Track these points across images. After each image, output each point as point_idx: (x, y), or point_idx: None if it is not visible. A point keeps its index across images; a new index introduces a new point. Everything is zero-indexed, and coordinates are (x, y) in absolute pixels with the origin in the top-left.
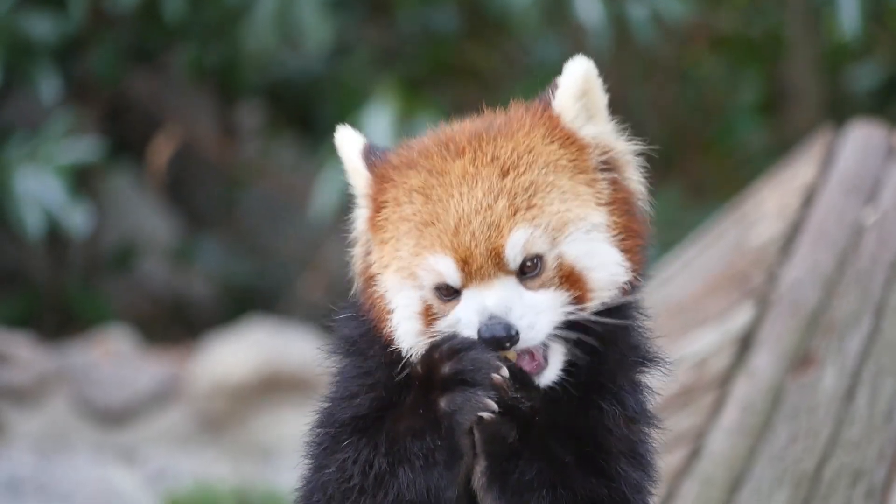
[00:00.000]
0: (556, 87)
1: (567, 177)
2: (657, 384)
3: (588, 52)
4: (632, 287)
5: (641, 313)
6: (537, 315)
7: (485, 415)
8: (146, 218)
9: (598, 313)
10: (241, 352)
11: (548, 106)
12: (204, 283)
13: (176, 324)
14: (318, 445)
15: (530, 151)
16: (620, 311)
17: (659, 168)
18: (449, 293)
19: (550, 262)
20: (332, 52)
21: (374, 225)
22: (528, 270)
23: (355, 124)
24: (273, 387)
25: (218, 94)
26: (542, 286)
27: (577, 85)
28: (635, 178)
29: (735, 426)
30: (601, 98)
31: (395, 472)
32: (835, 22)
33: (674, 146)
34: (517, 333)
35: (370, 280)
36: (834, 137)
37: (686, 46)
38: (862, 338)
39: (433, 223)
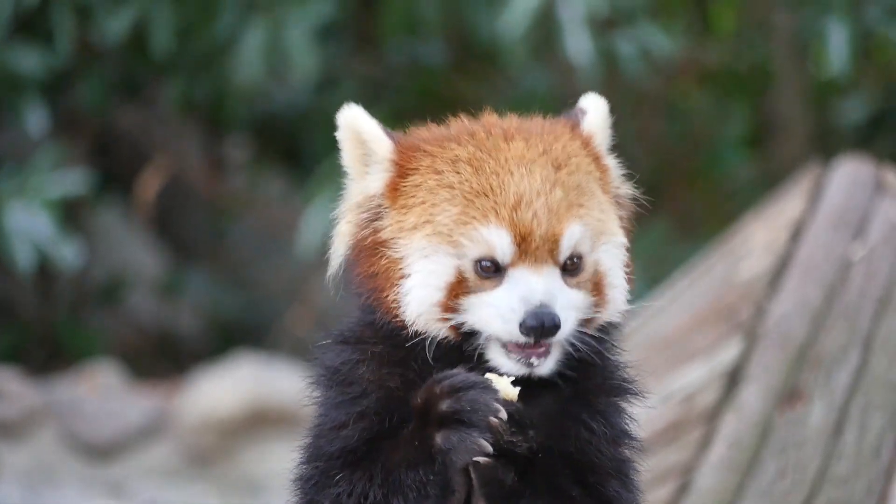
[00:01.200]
0: (581, 111)
1: (601, 191)
2: (641, 417)
3: (576, 86)
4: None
5: (618, 347)
6: (570, 311)
7: (481, 459)
8: (134, 251)
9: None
10: (228, 386)
11: (577, 125)
12: (191, 316)
13: (164, 357)
14: (307, 481)
15: (575, 156)
16: (606, 338)
17: (646, 201)
18: (490, 270)
19: (588, 266)
20: (320, 84)
21: (397, 189)
22: (570, 267)
23: (341, 158)
24: (261, 421)
25: (205, 127)
26: (576, 287)
27: (603, 116)
28: (626, 225)
29: (723, 461)
30: (608, 138)
31: (389, 502)
32: (823, 56)
33: (661, 180)
34: (557, 326)
35: (377, 246)
36: (822, 172)
37: (673, 80)
38: (850, 372)
39: (486, 195)
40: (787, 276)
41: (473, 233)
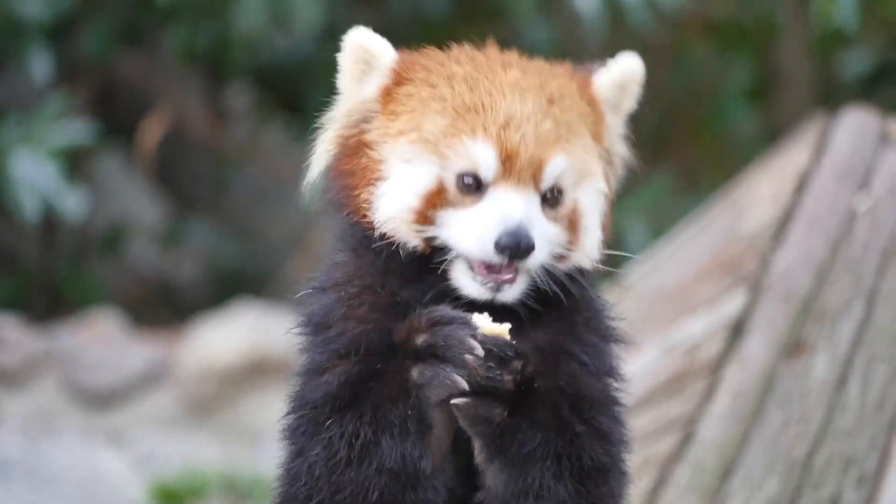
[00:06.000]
0: (601, 64)
1: (590, 135)
2: (643, 369)
3: (581, 37)
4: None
5: (600, 293)
6: (544, 240)
7: (459, 401)
8: (135, 200)
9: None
10: (229, 335)
11: (586, 72)
12: (192, 265)
13: (164, 306)
14: (296, 431)
15: (570, 97)
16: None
17: (650, 152)
18: (472, 187)
19: (568, 202)
20: (323, 34)
21: (390, 95)
22: (550, 199)
23: None
24: (261, 370)
25: (208, 75)
26: (553, 220)
27: (622, 76)
28: (615, 183)
29: (727, 412)
30: (629, 105)
31: (378, 439)
32: (827, 8)
33: (665, 130)
34: (531, 249)
35: (360, 146)
36: (827, 123)
37: (679, 31)
38: (854, 325)
39: (476, 111)
40: (792, 227)
41: (460, 145)
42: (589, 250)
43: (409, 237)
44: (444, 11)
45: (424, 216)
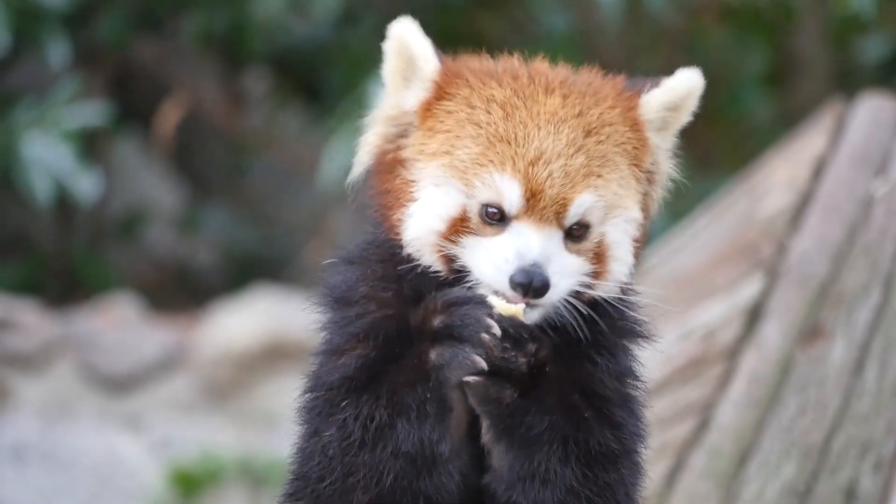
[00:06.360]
0: (656, 83)
1: (627, 163)
2: (659, 356)
3: (597, 23)
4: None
5: (632, 291)
6: (562, 276)
7: (471, 379)
8: (152, 185)
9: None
10: (246, 320)
11: (635, 94)
12: (209, 251)
13: (181, 291)
14: (311, 411)
15: (611, 125)
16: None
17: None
18: (495, 217)
19: (593, 237)
20: (340, 19)
21: (428, 111)
22: (575, 233)
23: (363, 93)
24: (278, 355)
25: (225, 61)
26: (577, 253)
27: (676, 96)
28: (657, 201)
29: (743, 398)
30: (684, 119)
31: (394, 423)
32: None
33: None
34: (546, 288)
35: (396, 163)
36: (844, 109)
37: (695, 16)
38: (871, 310)
39: (509, 142)
40: (809, 213)
41: (487, 176)
42: (616, 278)
43: (433, 258)
44: None
45: (448, 240)
